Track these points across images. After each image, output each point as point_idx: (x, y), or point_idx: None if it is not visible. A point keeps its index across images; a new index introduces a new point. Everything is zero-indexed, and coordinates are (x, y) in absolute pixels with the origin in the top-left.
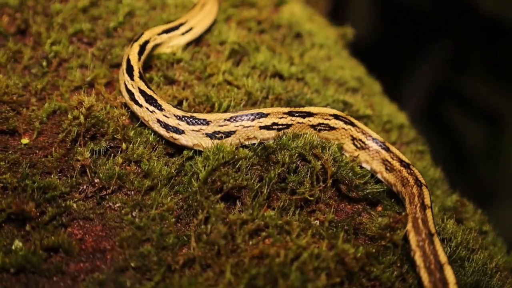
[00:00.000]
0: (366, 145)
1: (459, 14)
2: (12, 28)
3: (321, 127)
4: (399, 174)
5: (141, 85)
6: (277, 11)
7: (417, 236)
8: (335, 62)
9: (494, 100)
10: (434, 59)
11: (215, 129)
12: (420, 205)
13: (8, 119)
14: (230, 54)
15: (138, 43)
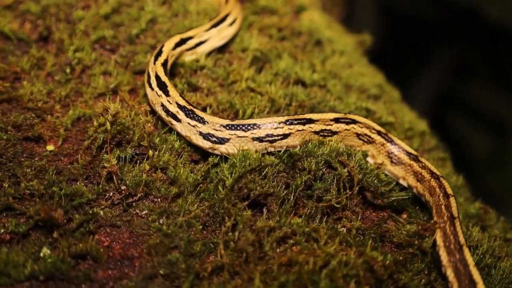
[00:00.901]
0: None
1: (463, 21)
2: (34, 35)
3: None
4: (410, 168)
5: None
6: (297, 18)
7: (446, 242)
8: (356, 69)
9: (499, 107)
10: (438, 66)
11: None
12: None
13: (33, 126)
14: (252, 61)
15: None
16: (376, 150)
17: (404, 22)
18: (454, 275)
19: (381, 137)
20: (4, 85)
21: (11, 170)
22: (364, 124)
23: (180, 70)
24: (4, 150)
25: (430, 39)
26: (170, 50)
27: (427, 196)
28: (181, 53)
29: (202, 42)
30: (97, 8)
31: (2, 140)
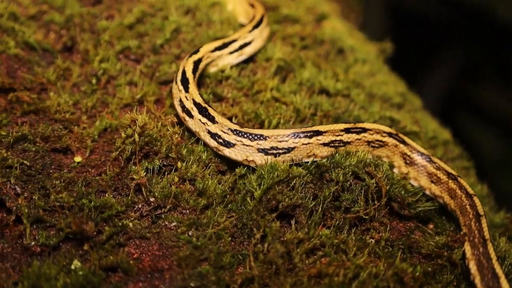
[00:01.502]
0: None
1: (471, 21)
2: (59, 45)
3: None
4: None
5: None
6: (319, 27)
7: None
8: (379, 77)
9: (508, 107)
10: (446, 66)
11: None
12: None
13: (61, 137)
14: (276, 71)
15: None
16: (390, 152)
17: (411, 22)
18: (476, 268)
19: (393, 138)
20: (31, 96)
21: (41, 182)
22: (375, 130)
23: (206, 81)
24: (33, 162)
25: (438, 39)
26: (207, 51)
27: (445, 197)
28: (220, 57)
29: (247, 44)
30: (121, 18)
31: (31, 152)
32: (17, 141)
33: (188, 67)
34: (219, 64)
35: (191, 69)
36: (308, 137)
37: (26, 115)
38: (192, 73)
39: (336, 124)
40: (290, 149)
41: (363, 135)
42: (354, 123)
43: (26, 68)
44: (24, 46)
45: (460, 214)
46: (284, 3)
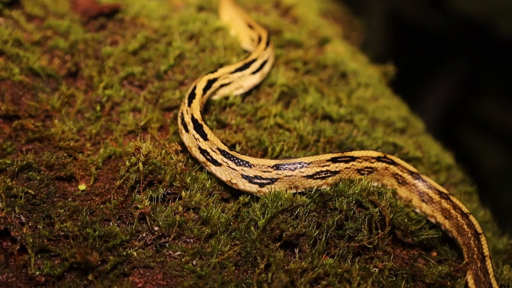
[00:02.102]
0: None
1: (474, 34)
2: (63, 70)
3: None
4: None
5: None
6: (321, 51)
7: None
8: (381, 102)
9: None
10: (449, 78)
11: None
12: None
13: (65, 165)
14: (280, 96)
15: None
16: (380, 175)
17: (413, 34)
18: (473, 282)
19: (382, 162)
20: (36, 124)
21: (45, 211)
22: (363, 157)
23: (210, 108)
24: (38, 191)
25: (440, 51)
26: (226, 72)
27: (438, 217)
28: (242, 77)
29: (265, 62)
30: (125, 43)
31: (36, 181)
32: (22, 170)
33: (200, 84)
34: (244, 86)
35: (202, 86)
36: (291, 170)
37: (30, 143)
38: (202, 90)
39: (323, 154)
40: (274, 180)
41: (352, 163)
42: (342, 152)
43: (30, 94)
44: (28, 72)
45: (458, 235)
46: (287, 27)
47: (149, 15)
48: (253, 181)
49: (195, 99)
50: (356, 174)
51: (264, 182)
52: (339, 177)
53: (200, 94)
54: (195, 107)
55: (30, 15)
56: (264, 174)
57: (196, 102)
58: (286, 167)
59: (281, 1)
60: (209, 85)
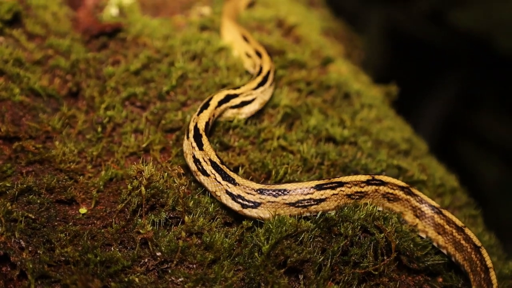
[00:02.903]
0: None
1: (473, 49)
2: (64, 90)
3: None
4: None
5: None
6: (324, 71)
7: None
8: (385, 123)
9: (508, 135)
10: (447, 94)
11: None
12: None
13: (66, 188)
14: (283, 118)
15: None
16: (371, 198)
17: (412, 47)
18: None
19: (372, 185)
20: (37, 146)
21: (45, 235)
22: (352, 182)
23: (214, 130)
24: (38, 215)
25: (438, 65)
26: (249, 89)
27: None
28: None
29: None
30: (127, 63)
31: (36, 204)
32: (22, 193)
33: (217, 96)
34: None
35: (219, 99)
36: (274, 196)
37: (31, 165)
38: (217, 103)
39: (310, 181)
40: (257, 204)
41: (340, 189)
42: (329, 178)
43: (31, 115)
44: (29, 92)
45: (456, 251)
46: (290, 47)
47: (151, 34)
48: (236, 199)
49: (207, 110)
50: (346, 199)
51: (247, 204)
52: (326, 205)
53: (213, 106)
54: (202, 117)
55: (31, 33)
56: (247, 196)
57: (206, 113)
58: (269, 193)
59: (284, 20)
60: (227, 99)
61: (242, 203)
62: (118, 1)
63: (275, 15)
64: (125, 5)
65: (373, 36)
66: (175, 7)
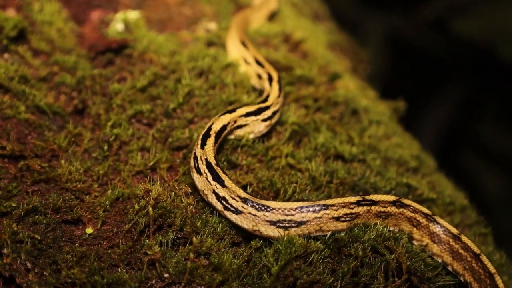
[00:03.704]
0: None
1: (476, 58)
2: (69, 107)
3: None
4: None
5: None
6: (332, 87)
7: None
8: (394, 140)
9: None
10: (449, 103)
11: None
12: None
13: (73, 208)
14: (291, 135)
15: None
16: (364, 219)
17: (414, 56)
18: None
19: (363, 206)
20: (42, 165)
21: (52, 257)
22: (339, 204)
23: (222, 148)
24: (44, 236)
25: (440, 74)
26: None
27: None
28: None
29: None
30: (133, 80)
31: (42, 225)
32: (28, 213)
33: (241, 111)
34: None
35: (241, 112)
36: (256, 209)
37: (36, 184)
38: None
39: (293, 202)
40: (238, 211)
41: (325, 212)
42: (313, 200)
43: (36, 133)
44: (34, 110)
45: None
46: (297, 63)
47: (157, 50)
48: (220, 200)
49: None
50: (333, 222)
51: (229, 208)
52: (306, 228)
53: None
54: (221, 120)
55: (36, 50)
56: (231, 200)
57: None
58: (252, 205)
59: (291, 35)
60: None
61: (225, 205)
62: (124, 16)
63: (281, 30)
64: (131, 20)
65: (376, 44)
66: (181, 22)
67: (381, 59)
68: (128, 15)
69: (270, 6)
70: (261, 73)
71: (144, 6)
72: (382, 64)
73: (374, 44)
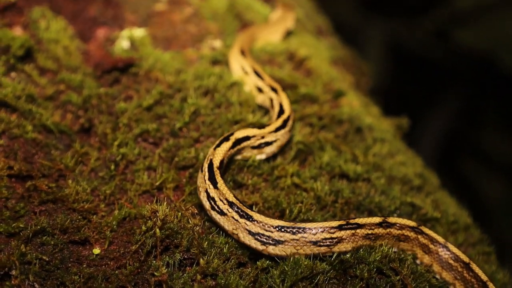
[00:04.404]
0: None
1: (476, 67)
2: (76, 126)
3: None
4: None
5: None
6: (336, 104)
7: None
8: (398, 158)
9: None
10: (449, 111)
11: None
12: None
13: (80, 228)
14: (296, 154)
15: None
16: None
17: (414, 64)
18: None
19: (346, 230)
20: (50, 185)
21: (60, 278)
22: (317, 228)
23: (229, 167)
24: (52, 257)
25: (441, 82)
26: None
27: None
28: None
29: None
30: (139, 99)
31: (50, 246)
32: (36, 234)
33: (269, 128)
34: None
35: (270, 129)
36: (239, 216)
37: (44, 204)
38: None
39: (272, 218)
40: (222, 213)
41: (302, 236)
42: (290, 220)
43: (43, 152)
44: (41, 129)
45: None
46: (301, 81)
47: (163, 69)
48: (209, 199)
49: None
50: (310, 247)
51: (215, 207)
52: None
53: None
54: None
55: (43, 68)
56: (219, 201)
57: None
58: (236, 210)
59: (295, 53)
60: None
61: (212, 205)
62: (130, 33)
63: (286, 48)
64: (136, 38)
65: (377, 50)
66: (187, 40)
67: (382, 66)
68: (133, 32)
69: (286, 23)
70: (261, 86)
71: (149, 24)
72: (383, 71)
73: (375, 51)
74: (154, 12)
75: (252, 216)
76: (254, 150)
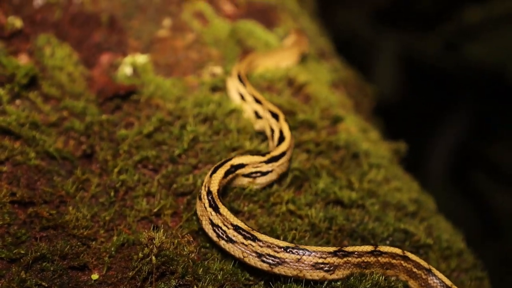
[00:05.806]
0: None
1: (487, 80)
2: (78, 152)
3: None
4: None
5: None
6: (334, 130)
7: None
8: (393, 184)
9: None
10: (460, 124)
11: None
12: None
13: (79, 254)
14: (292, 181)
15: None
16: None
17: (425, 76)
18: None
19: (338, 257)
20: (51, 212)
21: None
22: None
23: (227, 194)
24: (51, 283)
25: (451, 95)
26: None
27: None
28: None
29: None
30: (140, 125)
31: (49, 272)
32: (36, 261)
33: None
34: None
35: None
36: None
37: (45, 230)
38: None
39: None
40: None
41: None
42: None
43: (45, 179)
44: (44, 155)
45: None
46: (300, 108)
47: (163, 96)
48: (214, 227)
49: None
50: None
51: (222, 236)
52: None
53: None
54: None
55: (47, 95)
56: (224, 227)
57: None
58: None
59: (294, 79)
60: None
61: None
62: (132, 60)
63: (285, 74)
64: (139, 64)
65: (385, 63)
66: (188, 66)
67: (394, 78)
68: (136, 59)
69: (301, 47)
70: (259, 111)
71: (152, 50)
72: (394, 82)
73: (387, 62)
74: (156, 38)
75: (257, 237)
76: (249, 178)
